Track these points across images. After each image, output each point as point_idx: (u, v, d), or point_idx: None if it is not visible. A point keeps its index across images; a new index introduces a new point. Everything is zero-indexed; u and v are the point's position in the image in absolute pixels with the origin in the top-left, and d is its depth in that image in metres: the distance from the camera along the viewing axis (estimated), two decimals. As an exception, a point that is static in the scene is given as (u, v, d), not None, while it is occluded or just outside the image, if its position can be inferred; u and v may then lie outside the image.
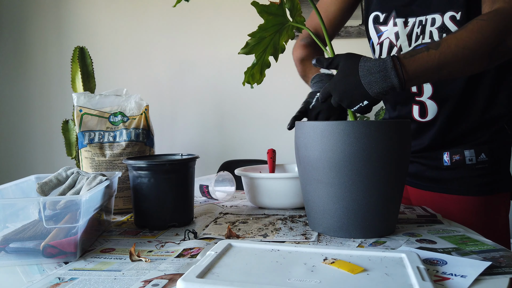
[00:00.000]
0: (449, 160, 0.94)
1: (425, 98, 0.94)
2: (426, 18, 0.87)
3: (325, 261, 0.56)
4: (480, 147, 0.92)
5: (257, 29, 0.79)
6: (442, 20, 0.85)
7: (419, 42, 0.90)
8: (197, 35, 2.56)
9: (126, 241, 0.73)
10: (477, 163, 0.92)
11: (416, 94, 0.95)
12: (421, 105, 0.95)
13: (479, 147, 0.92)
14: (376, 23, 0.97)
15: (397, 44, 0.94)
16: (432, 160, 0.97)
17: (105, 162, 0.95)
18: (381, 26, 0.96)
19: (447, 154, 0.94)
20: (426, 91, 0.94)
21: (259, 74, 0.86)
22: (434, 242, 0.69)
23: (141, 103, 1.03)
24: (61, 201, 0.64)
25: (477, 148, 0.92)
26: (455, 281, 0.52)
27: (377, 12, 0.97)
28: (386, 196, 0.70)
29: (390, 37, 0.95)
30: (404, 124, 0.71)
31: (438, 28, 0.86)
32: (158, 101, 2.58)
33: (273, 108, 2.55)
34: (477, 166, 0.92)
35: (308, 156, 0.72)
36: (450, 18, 0.84)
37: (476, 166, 0.92)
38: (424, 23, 0.88)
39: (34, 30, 2.65)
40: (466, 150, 0.92)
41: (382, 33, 0.96)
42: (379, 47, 0.99)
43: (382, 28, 0.96)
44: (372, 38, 1.00)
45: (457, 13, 0.83)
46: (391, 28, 0.94)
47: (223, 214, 0.93)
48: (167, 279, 0.55)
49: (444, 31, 0.86)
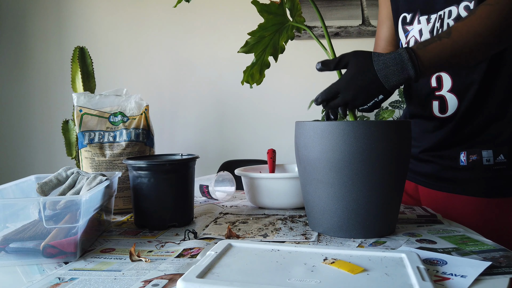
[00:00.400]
0: (466, 160, 0.92)
1: (445, 92, 0.94)
2: (444, 11, 0.90)
3: (325, 261, 0.56)
4: (499, 148, 0.90)
5: (257, 28, 0.79)
6: (457, 10, 0.87)
7: None
8: (197, 35, 2.56)
9: (126, 241, 0.73)
10: (494, 164, 0.90)
11: (436, 89, 0.95)
12: (441, 100, 0.95)
13: (498, 147, 0.90)
14: (404, 24, 1.01)
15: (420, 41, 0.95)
16: (448, 159, 0.95)
17: (105, 162, 0.95)
18: (408, 26, 0.99)
19: (464, 153, 0.92)
20: (445, 84, 0.93)
21: (258, 74, 0.85)
22: (434, 242, 0.69)
23: (141, 103, 1.03)
24: (61, 201, 0.64)
25: (496, 149, 0.90)
26: (455, 281, 0.52)
27: (404, 13, 1.00)
28: (386, 196, 0.70)
29: (415, 35, 0.97)
30: (404, 124, 0.71)
31: (454, 20, 0.88)
32: (158, 101, 2.58)
33: (273, 108, 2.55)
34: (495, 167, 0.90)
35: (308, 156, 0.72)
36: (464, 8, 0.86)
37: (494, 168, 0.90)
38: (442, 17, 0.90)
39: (34, 30, 2.65)
40: (484, 150, 0.91)
41: (409, 33, 0.99)
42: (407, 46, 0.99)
43: (409, 28, 0.99)
44: (401, 39, 1.03)
45: (470, 2, 0.85)
46: (416, 27, 0.97)
47: (223, 214, 0.93)
48: (167, 279, 0.55)
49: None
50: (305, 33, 2.41)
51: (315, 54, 2.45)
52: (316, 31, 2.43)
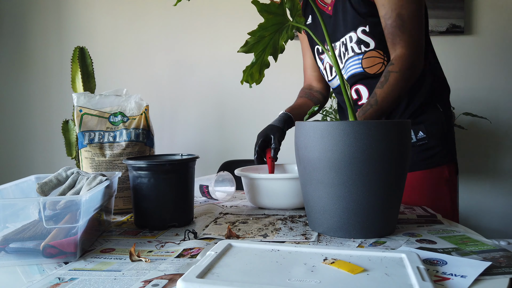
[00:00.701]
0: None
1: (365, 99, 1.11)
2: (345, 38, 1.08)
3: (325, 261, 0.56)
4: (417, 126, 1.06)
5: (257, 28, 0.79)
6: (356, 35, 1.05)
7: (346, 57, 1.09)
8: (197, 35, 2.56)
9: (126, 241, 0.73)
10: (417, 140, 1.06)
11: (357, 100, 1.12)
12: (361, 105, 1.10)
13: (416, 126, 1.06)
14: (318, 55, 1.20)
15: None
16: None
17: (105, 162, 0.95)
18: (321, 55, 1.19)
19: None
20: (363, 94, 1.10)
21: (258, 74, 0.85)
22: (434, 242, 0.69)
23: (141, 103, 1.03)
24: (61, 201, 0.64)
25: (415, 128, 1.06)
26: (455, 281, 0.52)
27: (317, 46, 1.20)
28: (386, 196, 0.70)
29: (328, 61, 1.17)
30: (404, 124, 0.71)
31: (356, 42, 1.06)
32: (158, 101, 2.58)
33: (273, 108, 2.54)
34: (418, 143, 1.06)
35: (308, 156, 0.72)
36: (362, 32, 1.04)
37: (417, 144, 1.06)
38: (345, 42, 1.08)
39: (34, 30, 2.65)
40: None
41: (323, 60, 1.19)
42: (325, 71, 1.20)
43: (322, 57, 1.19)
44: (319, 66, 1.22)
45: (365, 26, 1.03)
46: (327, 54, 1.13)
47: (223, 214, 0.93)
48: (167, 279, 0.55)
49: (361, 43, 1.05)
50: (305, 33, 2.41)
51: (315, 54, 2.46)
52: (316, 31, 2.43)
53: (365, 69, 1.06)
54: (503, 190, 2.21)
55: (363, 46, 1.05)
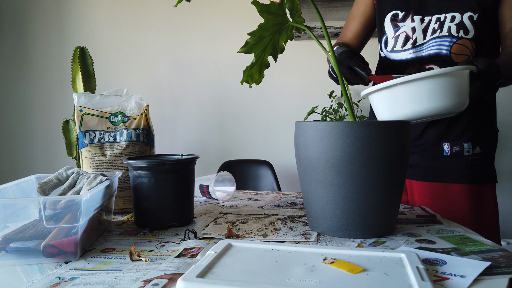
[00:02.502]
0: (449, 150, 1.06)
1: None
2: (446, 15, 1.03)
3: (325, 261, 0.56)
4: (476, 141, 1.05)
5: (257, 28, 0.79)
6: (461, 18, 1.01)
7: (436, 35, 1.04)
8: (197, 35, 2.57)
9: (126, 241, 0.74)
10: (473, 154, 1.05)
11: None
12: None
13: (476, 141, 1.05)
14: (394, 20, 1.12)
15: (412, 37, 1.08)
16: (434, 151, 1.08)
17: (105, 162, 0.95)
18: (399, 23, 1.10)
19: (447, 145, 1.06)
20: None
21: (258, 74, 0.86)
22: (433, 242, 0.69)
23: (142, 103, 1.03)
24: (61, 201, 0.64)
25: (474, 142, 1.05)
26: (455, 281, 0.52)
27: (396, 11, 1.12)
28: (385, 196, 0.70)
29: (406, 31, 1.09)
30: (404, 124, 0.71)
31: (456, 24, 1.02)
32: (158, 101, 2.58)
33: (273, 108, 2.55)
34: (472, 157, 1.05)
35: (308, 156, 0.72)
36: (468, 18, 1.01)
37: (471, 158, 1.05)
38: (442, 20, 1.03)
39: (35, 30, 2.65)
40: (465, 142, 1.05)
41: (399, 28, 1.10)
42: (394, 40, 1.11)
43: (400, 24, 1.10)
44: (387, 33, 1.13)
45: (475, 14, 1.00)
46: (409, 24, 1.08)
47: (223, 214, 0.93)
48: (167, 278, 0.55)
49: (461, 27, 1.01)
50: (304, 33, 2.41)
51: (314, 55, 2.46)
52: (316, 31, 2.43)
53: (452, 54, 1.02)
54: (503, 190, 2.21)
55: (462, 32, 1.01)
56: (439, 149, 1.07)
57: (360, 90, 2.36)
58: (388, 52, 1.13)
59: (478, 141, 1.05)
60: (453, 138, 1.06)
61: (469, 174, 1.04)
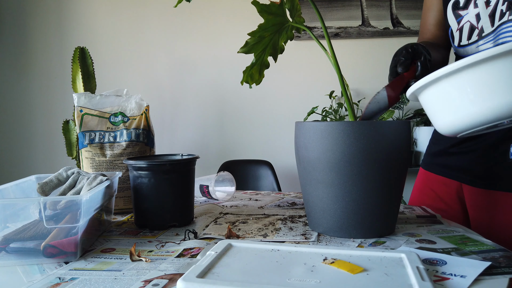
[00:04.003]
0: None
1: None
2: None
3: (325, 261, 0.56)
4: None
5: (257, 28, 0.79)
6: None
7: (505, 19, 0.85)
8: (197, 35, 2.57)
9: (127, 241, 0.74)
10: None
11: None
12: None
13: None
14: (455, 9, 0.96)
15: (478, 26, 0.91)
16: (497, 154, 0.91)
17: (105, 162, 0.95)
18: (461, 11, 0.94)
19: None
20: None
21: (258, 74, 0.86)
22: (433, 242, 0.69)
23: (142, 103, 1.03)
24: (61, 201, 0.64)
25: None
26: (455, 281, 0.52)
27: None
28: (385, 196, 0.70)
29: (470, 20, 0.92)
30: (404, 124, 0.71)
31: None
32: (158, 101, 2.58)
33: (273, 109, 2.55)
34: None
35: (308, 156, 0.72)
36: None
37: None
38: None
39: (35, 31, 2.65)
40: None
41: (462, 18, 0.94)
42: (458, 33, 0.95)
43: (462, 13, 0.94)
44: (451, 25, 0.97)
45: None
46: (472, 11, 0.92)
47: (223, 214, 0.93)
48: (167, 279, 0.55)
49: None
50: (304, 33, 2.41)
51: (314, 55, 2.46)
52: (316, 31, 2.43)
53: None
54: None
55: None
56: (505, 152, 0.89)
57: (363, 91, 2.36)
58: (457, 47, 0.97)
59: None
60: None
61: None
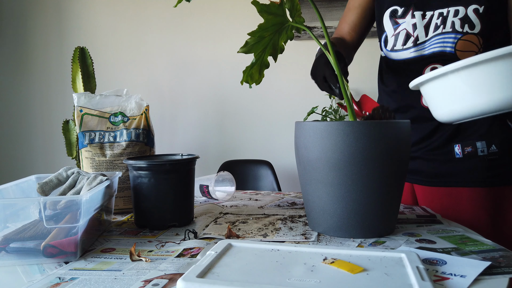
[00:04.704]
0: (461, 152, 0.97)
1: None
2: (448, 10, 0.95)
3: (325, 261, 0.56)
4: (490, 139, 0.95)
5: (256, 29, 0.79)
6: (465, 11, 0.93)
7: (439, 31, 0.96)
8: (197, 35, 2.57)
9: (127, 241, 0.74)
10: (488, 154, 0.95)
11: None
12: None
13: (490, 139, 0.95)
14: (393, 17, 1.04)
15: (413, 34, 1.00)
16: (443, 154, 0.99)
17: (105, 162, 0.95)
18: (399, 19, 1.03)
19: (458, 146, 0.98)
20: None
21: (257, 74, 0.86)
22: (433, 242, 0.69)
23: (142, 103, 1.03)
24: (61, 201, 0.64)
25: (488, 140, 0.95)
26: (455, 281, 0.52)
27: (395, 7, 1.04)
28: (385, 196, 0.70)
29: (407, 28, 1.01)
30: (404, 124, 0.71)
31: (460, 19, 0.93)
32: (158, 101, 2.58)
33: (273, 109, 2.55)
34: (489, 157, 0.95)
35: (308, 156, 0.72)
36: (473, 11, 0.93)
37: (488, 158, 0.95)
38: (445, 15, 0.95)
39: (35, 31, 2.65)
40: (477, 141, 0.96)
41: (399, 25, 1.03)
42: (394, 38, 1.04)
43: (400, 21, 1.03)
44: (386, 31, 1.06)
45: (480, 6, 0.92)
46: (409, 20, 1.01)
47: (223, 214, 0.93)
48: (167, 278, 0.55)
49: (466, 22, 0.93)
50: (304, 33, 2.41)
51: (314, 55, 2.46)
52: (316, 31, 2.43)
53: (457, 51, 0.94)
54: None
55: (467, 26, 0.92)
56: (450, 152, 0.98)
57: (363, 91, 2.36)
58: (388, 51, 1.06)
59: (493, 138, 0.95)
60: (463, 138, 0.96)
61: (486, 177, 0.94)
